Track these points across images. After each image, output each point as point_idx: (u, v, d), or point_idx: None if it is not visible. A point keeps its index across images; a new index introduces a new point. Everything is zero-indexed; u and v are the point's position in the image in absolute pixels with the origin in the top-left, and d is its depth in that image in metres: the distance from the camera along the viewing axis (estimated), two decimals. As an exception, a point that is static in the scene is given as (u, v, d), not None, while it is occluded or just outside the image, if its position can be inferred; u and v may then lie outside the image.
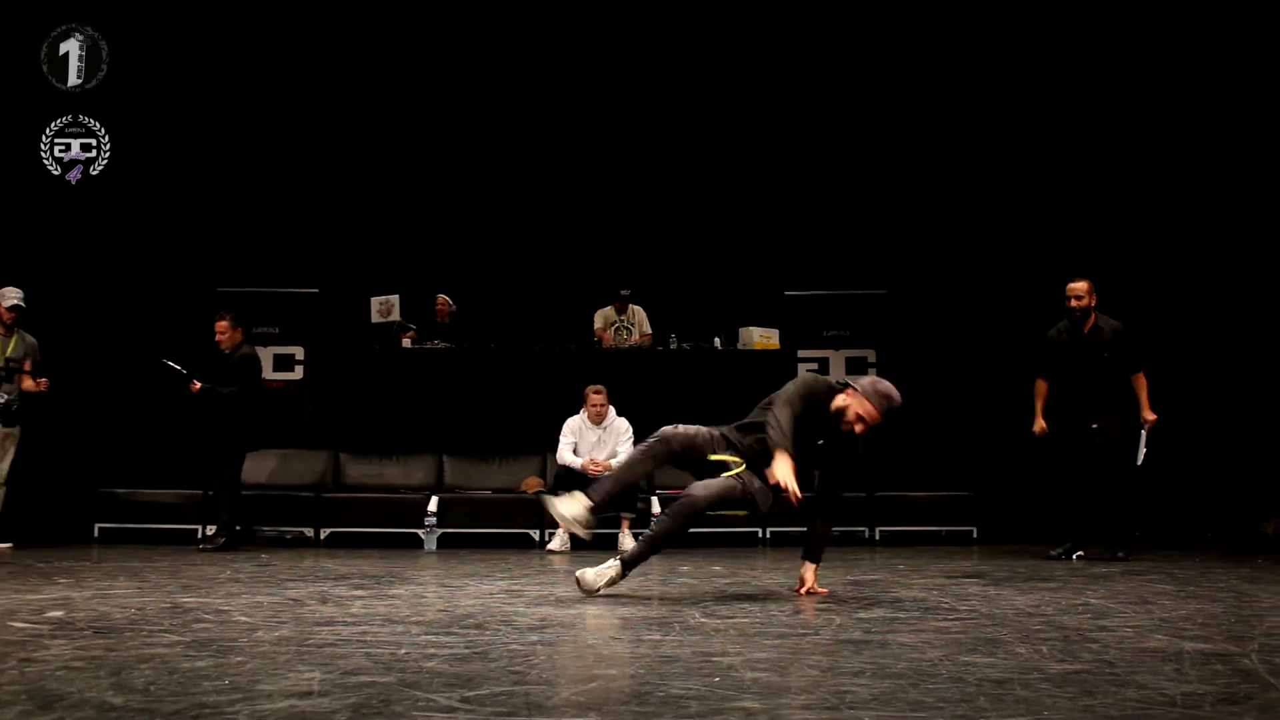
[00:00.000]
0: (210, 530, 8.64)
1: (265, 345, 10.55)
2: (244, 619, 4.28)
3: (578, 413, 9.08)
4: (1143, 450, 7.51)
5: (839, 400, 5.12)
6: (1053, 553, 7.63)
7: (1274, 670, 3.19)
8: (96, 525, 9.48)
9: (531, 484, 9.81)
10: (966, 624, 4.25)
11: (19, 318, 8.44)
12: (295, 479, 10.05)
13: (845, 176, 11.66)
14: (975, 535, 9.79)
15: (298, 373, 10.73)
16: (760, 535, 9.66)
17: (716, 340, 10.68)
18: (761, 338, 10.73)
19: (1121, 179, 11.03)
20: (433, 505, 9.04)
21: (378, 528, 9.37)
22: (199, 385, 8.52)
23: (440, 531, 8.86)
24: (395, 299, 10.75)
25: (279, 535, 9.43)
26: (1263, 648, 3.62)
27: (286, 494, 9.70)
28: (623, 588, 5.20)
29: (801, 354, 10.90)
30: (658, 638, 3.86)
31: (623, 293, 10.89)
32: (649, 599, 5.10)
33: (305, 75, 11.34)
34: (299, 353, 10.76)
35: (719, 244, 11.67)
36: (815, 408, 5.12)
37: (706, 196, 11.72)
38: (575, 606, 4.81)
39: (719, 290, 11.37)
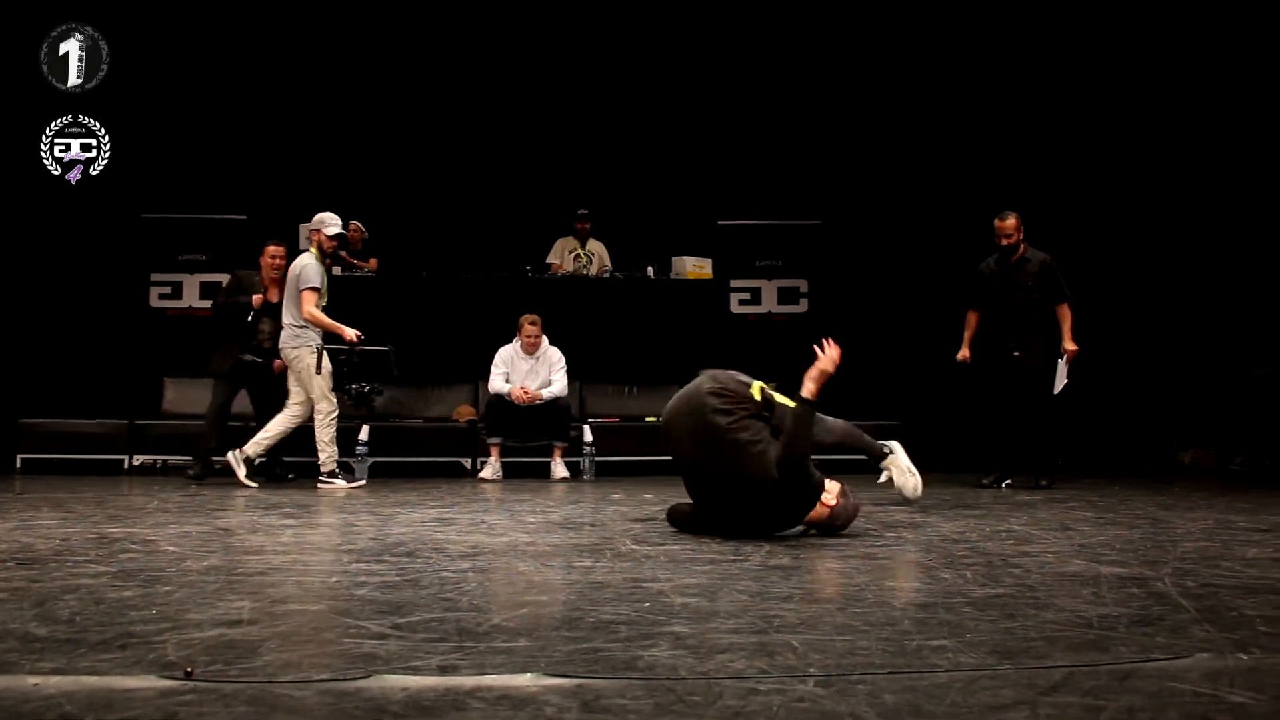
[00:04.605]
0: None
1: (192, 273, 10.36)
2: (172, 549, 4.24)
3: (510, 342, 9.02)
4: (1061, 380, 7.61)
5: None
6: (984, 481, 7.77)
7: (1186, 593, 3.29)
8: (19, 456, 9.30)
9: (464, 412, 9.77)
10: (893, 550, 4.33)
11: None
12: (224, 408, 9.91)
13: (780, 106, 11.61)
14: (903, 464, 9.90)
15: (225, 301, 10.53)
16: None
17: (649, 269, 10.65)
18: (694, 267, 10.72)
19: (1052, 108, 11.10)
20: (364, 434, 8.94)
21: (309, 456, 9.26)
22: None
23: (372, 460, 8.78)
24: (324, 226, 10.56)
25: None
26: (1176, 572, 3.73)
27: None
28: (555, 515, 5.22)
29: (734, 284, 10.92)
30: (589, 564, 3.89)
31: (580, 211, 10.73)
32: (581, 526, 5.14)
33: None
34: (226, 280, 10.55)
35: (652, 173, 11.58)
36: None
37: (640, 125, 11.61)
38: (507, 534, 4.83)
39: (652, 219, 11.31)
